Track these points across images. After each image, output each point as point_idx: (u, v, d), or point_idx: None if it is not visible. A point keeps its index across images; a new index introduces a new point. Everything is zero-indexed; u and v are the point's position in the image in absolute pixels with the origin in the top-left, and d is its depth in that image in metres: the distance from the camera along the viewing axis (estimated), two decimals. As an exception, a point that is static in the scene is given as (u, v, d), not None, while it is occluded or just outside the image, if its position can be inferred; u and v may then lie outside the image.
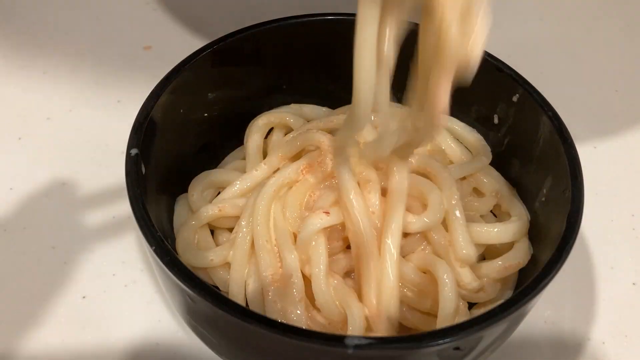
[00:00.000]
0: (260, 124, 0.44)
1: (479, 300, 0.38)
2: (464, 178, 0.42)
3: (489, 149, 0.43)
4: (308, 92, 0.46)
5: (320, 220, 0.35)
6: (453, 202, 0.37)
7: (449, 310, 0.34)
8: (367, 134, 0.40)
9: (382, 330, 0.34)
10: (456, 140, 0.44)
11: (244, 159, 0.44)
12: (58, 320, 0.40)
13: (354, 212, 0.35)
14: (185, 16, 0.63)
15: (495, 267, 0.38)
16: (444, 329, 0.28)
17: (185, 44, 0.59)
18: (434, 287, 0.35)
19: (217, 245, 0.39)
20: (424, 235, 0.38)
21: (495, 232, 0.38)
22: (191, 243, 0.38)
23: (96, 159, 0.49)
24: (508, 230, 0.39)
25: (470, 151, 0.44)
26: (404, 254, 0.37)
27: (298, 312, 0.34)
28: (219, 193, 0.42)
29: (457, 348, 0.29)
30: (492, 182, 0.42)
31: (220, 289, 0.38)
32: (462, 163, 0.42)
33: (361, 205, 0.35)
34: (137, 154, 0.35)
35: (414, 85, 0.30)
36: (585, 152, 0.36)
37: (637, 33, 0.64)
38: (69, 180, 0.48)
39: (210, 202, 0.41)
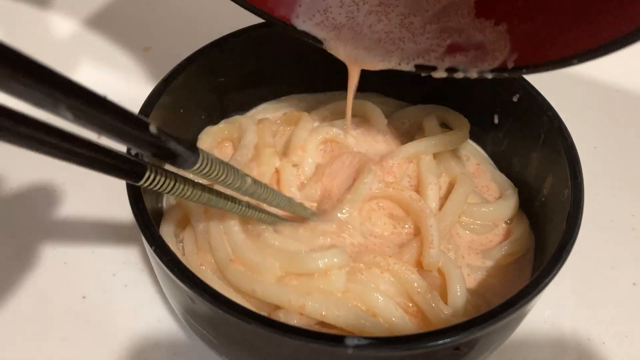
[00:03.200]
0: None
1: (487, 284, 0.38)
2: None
3: (467, 122, 0.44)
4: (297, 84, 0.48)
5: (295, 321, 0.33)
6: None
7: (459, 305, 0.35)
8: None
9: None
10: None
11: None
12: (58, 320, 0.41)
13: None
14: (184, 17, 0.63)
15: (500, 253, 0.39)
16: (443, 329, 0.28)
17: (185, 44, 0.59)
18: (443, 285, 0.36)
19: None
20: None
21: (491, 211, 0.40)
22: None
23: (96, 159, 0.49)
24: (507, 206, 0.40)
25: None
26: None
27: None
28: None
29: (457, 348, 0.29)
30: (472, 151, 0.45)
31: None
32: (440, 135, 0.43)
33: None
34: (137, 154, 0.35)
35: None
36: (585, 152, 0.36)
37: (637, 33, 0.64)
38: (69, 180, 0.48)
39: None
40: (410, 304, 0.35)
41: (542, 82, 0.40)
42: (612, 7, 0.27)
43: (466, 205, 0.40)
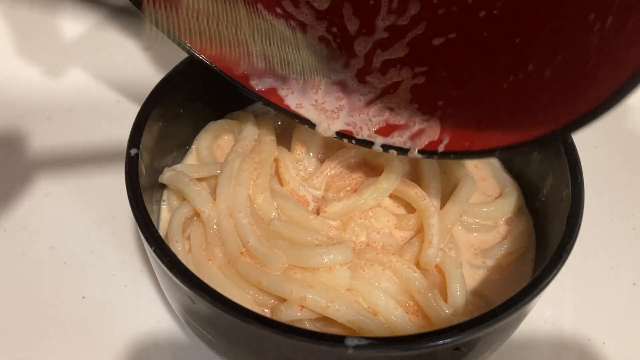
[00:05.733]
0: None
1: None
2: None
3: None
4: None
5: (297, 313, 0.33)
6: None
7: (459, 304, 0.34)
8: None
9: None
10: None
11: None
12: (58, 320, 0.41)
13: None
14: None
15: (500, 251, 0.39)
16: (443, 330, 0.28)
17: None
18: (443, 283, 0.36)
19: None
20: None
21: (492, 210, 0.40)
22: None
23: (96, 159, 0.49)
24: (507, 204, 0.40)
25: None
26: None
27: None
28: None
29: (457, 348, 0.29)
30: None
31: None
32: None
33: None
34: (136, 154, 0.35)
35: None
36: (585, 152, 0.36)
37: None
38: (68, 181, 0.48)
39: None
40: (411, 303, 0.35)
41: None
42: (542, 107, 0.30)
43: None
